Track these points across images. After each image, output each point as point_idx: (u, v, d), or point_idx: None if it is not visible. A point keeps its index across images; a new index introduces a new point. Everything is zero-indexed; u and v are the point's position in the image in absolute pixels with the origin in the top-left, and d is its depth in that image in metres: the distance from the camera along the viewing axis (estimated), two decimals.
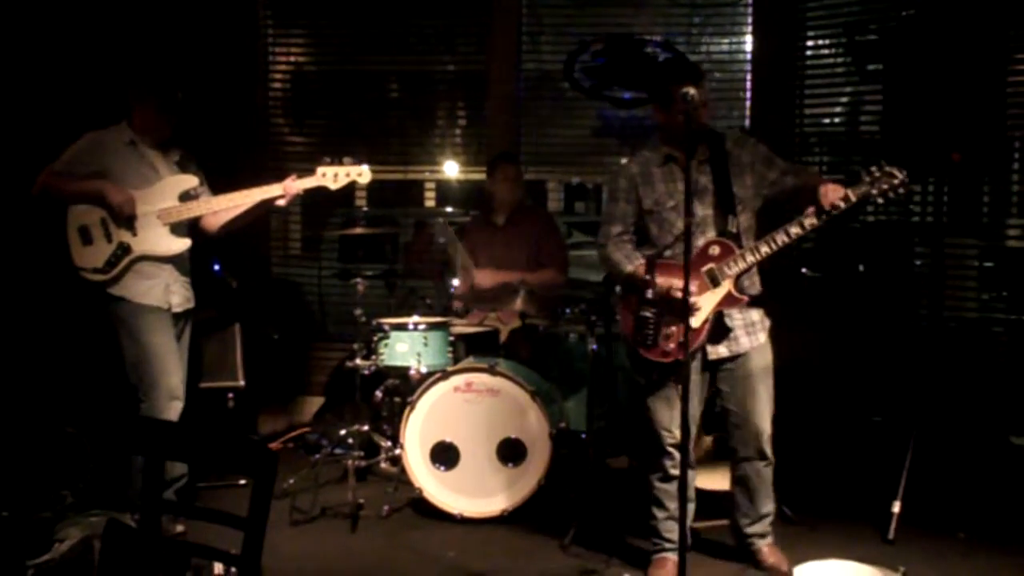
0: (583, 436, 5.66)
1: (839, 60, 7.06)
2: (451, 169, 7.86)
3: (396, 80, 8.13)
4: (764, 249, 4.31)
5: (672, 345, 4.38)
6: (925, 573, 4.64)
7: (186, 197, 5.10)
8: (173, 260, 5.09)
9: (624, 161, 5.33)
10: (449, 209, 8.59)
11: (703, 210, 4.42)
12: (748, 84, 7.21)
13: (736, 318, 4.47)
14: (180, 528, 4.92)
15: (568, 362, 5.93)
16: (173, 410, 4.98)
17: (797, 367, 4.71)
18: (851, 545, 4.83)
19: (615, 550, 4.92)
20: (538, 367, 5.75)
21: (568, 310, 5.96)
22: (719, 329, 4.46)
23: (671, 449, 4.53)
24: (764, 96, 7.10)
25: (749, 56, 7.23)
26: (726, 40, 7.43)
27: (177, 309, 5.10)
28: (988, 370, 6.26)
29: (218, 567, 4.09)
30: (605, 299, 6.01)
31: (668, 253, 4.41)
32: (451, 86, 7.97)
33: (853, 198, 4.21)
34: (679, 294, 4.21)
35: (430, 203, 8.49)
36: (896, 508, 5.05)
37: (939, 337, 5.80)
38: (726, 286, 4.36)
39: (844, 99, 7.14)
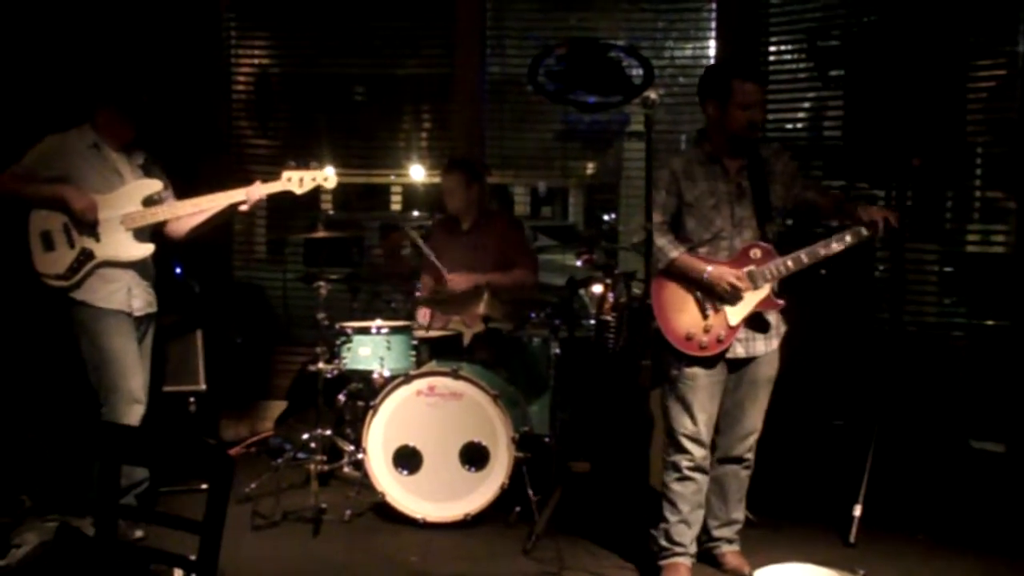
0: (546, 440, 5.66)
1: (801, 65, 7.11)
2: (416, 173, 7.85)
3: (361, 83, 8.13)
4: (805, 259, 4.39)
5: (708, 338, 4.43)
6: (885, 575, 4.68)
7: (150, 202, 5.06)
8: (136, 264, 5.05)
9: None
10: (415, 213, 8.59)
11: (741, 212, 4.48)
12: None
13: (757, 321, 4.52)
14: (139, 533, 4.89)
15: (532, 366, 5.93)
16: (134, 414, 4.94)
17: None
18: (812, 548, 4.86)
19: (578, 554, 4.93)
20: (501, 371, 5.74)
21: (533, 314, 5.96)
22: (752, 329, 4.51)
23: (690, 446, 4.50)
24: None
25: (712, 61, 7.25)
26: (690, 45, 7.46)
27: (139, 313, 5.06)
28: (948, 374, 6.32)
29: (178, 573, 4.06)
30: (569, 303, 6.05)
31: (703, 250, 4.46)
32: (416, 89, 7.95)
33: (894, 223, 4.33)
34: (732, 279, 4.34)
35: (396, 207, 8.47)
36: (857, 511, 5.08)
37: (900, 342, 5.83)
38: (766, 288, 4.42)
39: (806, 104, 7.19)
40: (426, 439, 5.40)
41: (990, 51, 6.35)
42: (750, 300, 4.42)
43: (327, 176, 5.17)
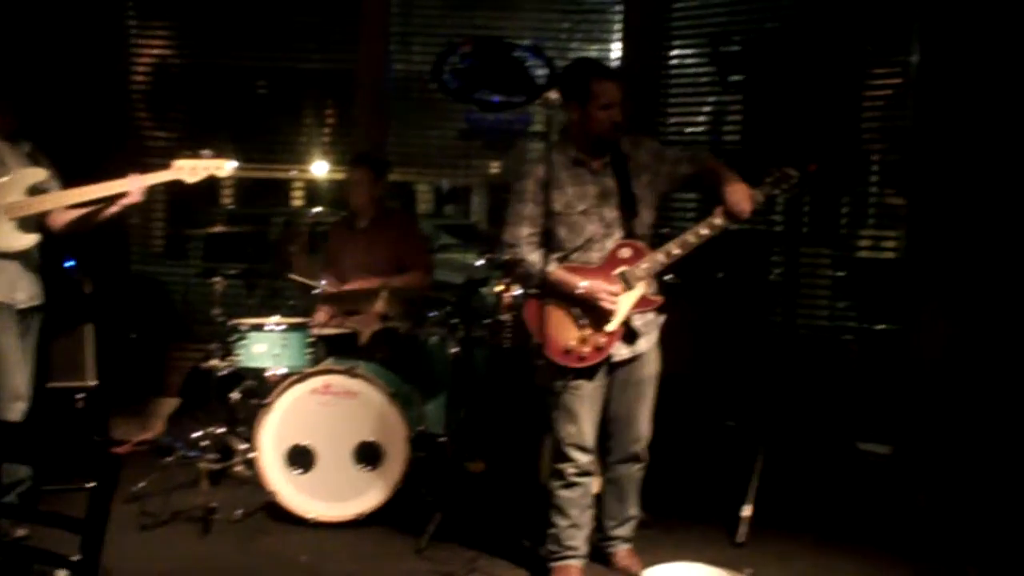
0: (441, 440, 5.66)
1: (703, 70, 7.19)
2: (319, 168, 7.79)
3: (264, 76, 8.02)
4: (675, 250, 4.37)
5: (588, 349, 4.41)
6: (773, 574, 4.76)
7: (35, 191, 4.93)
8: (20, 255, 4.91)
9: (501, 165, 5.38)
10: (318, 209, 8.53)
11: (610, 213, 4.45)
12: None
13: (636, 319, 4.49)
14: (22, 532, 4.78)
15: (428, 365, 5.91)
16: (15, 411, 4.81)
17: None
18: (702, 547, 4.92)
19: (472, 554, 4.93)
20: (398, 370, 5.71)
21: (433, 312, 5.95)
22: (630, 332, 4.49)
23: (575, 455, 4.51)
24: (630, 103, 7.15)
25: (617, 63, 7.31)
26: (594, 46, 7.50)
27: (23, 305, 4.90)
28: (838, 377, 6.44)
29: (62, 573, 3.99)
30: (467, 302, 6.05)
31: (575, 257, 4.45)
32: (320, 84, 7.91)
33: (760, 199, 4.36)
34: (604, 294, 4.32)
35: (298, 202, 8.40)
36: (746, 512, 5.16)
37: (791, 344, 5.94)
38: (640, 288, 4.40)
39: (707, 108, 7.28)
40: (320, 438, 5.35)
41: (885, 60, 6.48)
42: (626, 303, 4.40)
43: (220, 165, 5.04)
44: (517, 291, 5.76)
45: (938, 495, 5.59)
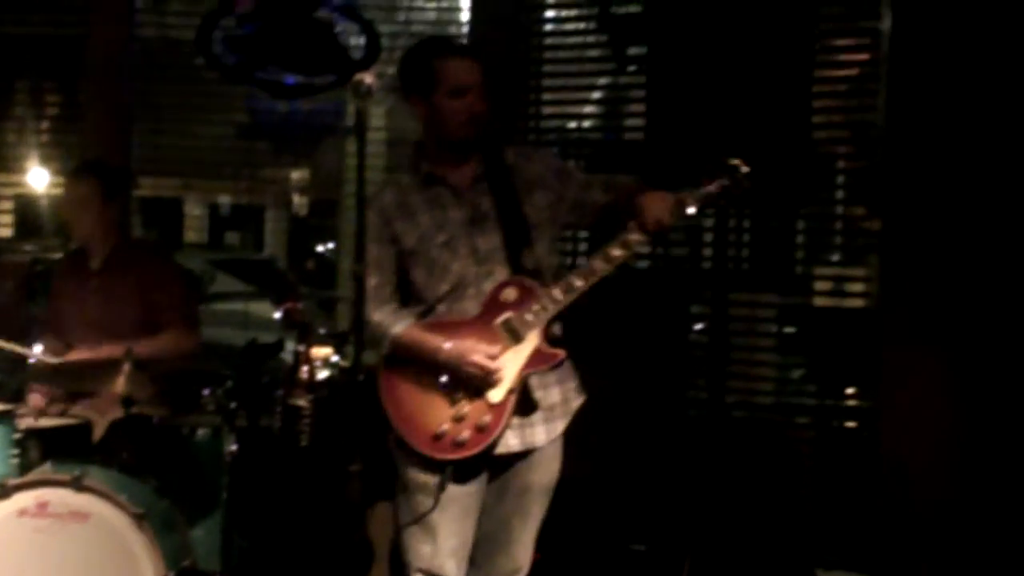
0: None
1: (591, 39, 7.27)
2: (37, 179, 7.68)
3: None
4: (578, 282, 4.32)
5: (467, 432, 4.35)
6: None
7: None
8: None
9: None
10: (34, 242, 8.41)
11: (485, 243, 4.45)
12: None
13: (537, 393, 4.47)
14: None
15: (195, 470, 5.79)
16: None
17: None
18: None
19: None
20: (150, 478, 5.56)
21: (206, 390, 5.86)
22: (525, 405, 4.45)
23: None
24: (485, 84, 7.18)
25: (466, 29, 7.37)
26: (433, 4, 7.54)
27: None
28: (788, 479, 6.49)
29: None
30: (252, 377, 5.95)
31: (442, 308, 4.43)
32: (37, 57, 7.91)
33: (690, 208, 4.35)
34: (474, 364, 4.28)
35: (5, 230, 8.34)
36: None
37: (721, 432, 5.95)
38: (533, 340, 4.35)
39: (597, 93, 7.33)
40: None
41: (846, 29, 6.60)
42: (513, 363, 4.36)
43: None
44: (318, 361, 5.72)
45: None
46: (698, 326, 7.02)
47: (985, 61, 5.83)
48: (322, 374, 5.99)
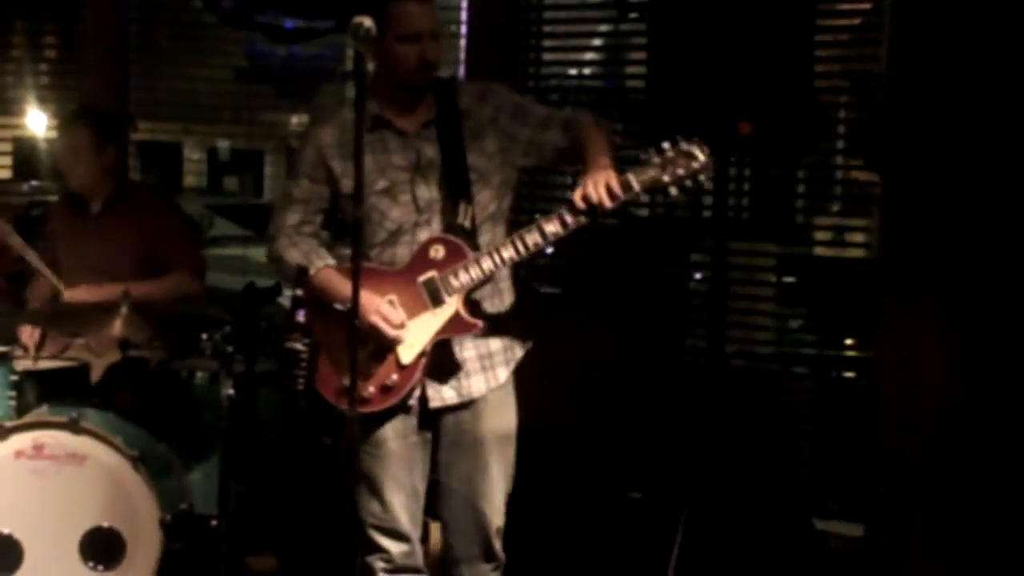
0: (213, 523, 5.57)
1: None
2: (35, 122, 7.69)
3: None
4: (507, 253, 4.29)
5: (371, 388, 4.34)
6: None
7: None
8: None
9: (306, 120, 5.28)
10: (33, 183, 8.40)
11: (427, 192, 4.41)
12: (463, 16, 7.28)
13: (467, 347, 4.46)
14: None
15: (192, 415, 5.85)
16: None
17: (524, 422, 4.73)
18: None
19: None
20: (147, 422, 5.63)
21: (204, 335, 5.84)
22: (445, 363, 4.43)
23: (383, 541, 4.50)
24: (484, 32, 7.21)
25: None
26: None
27: None
28: (787, 428, 6.50)
29: None
30: (251, 322, 5.93)
31: (374, 254, 4.39)
32: (35, 1, 7.92)
33: (636, 188, 4.22)
34: (376, 315, 4.24)
35: (4, 172, 8.36)
36: None
37: (720, 380, 5.95)
38: (452, 304, 4.32)
39: (597, 42, 7.30)
40: (29, 523, 5.25)
41: None
42: (429, 325, 4.34)
43: None
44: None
45: None
46: (697, 275, 7.01)
47: (990, 10, 5.79)
48: None
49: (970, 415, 5.81)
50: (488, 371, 4.51)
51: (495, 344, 4.52)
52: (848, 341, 6.93)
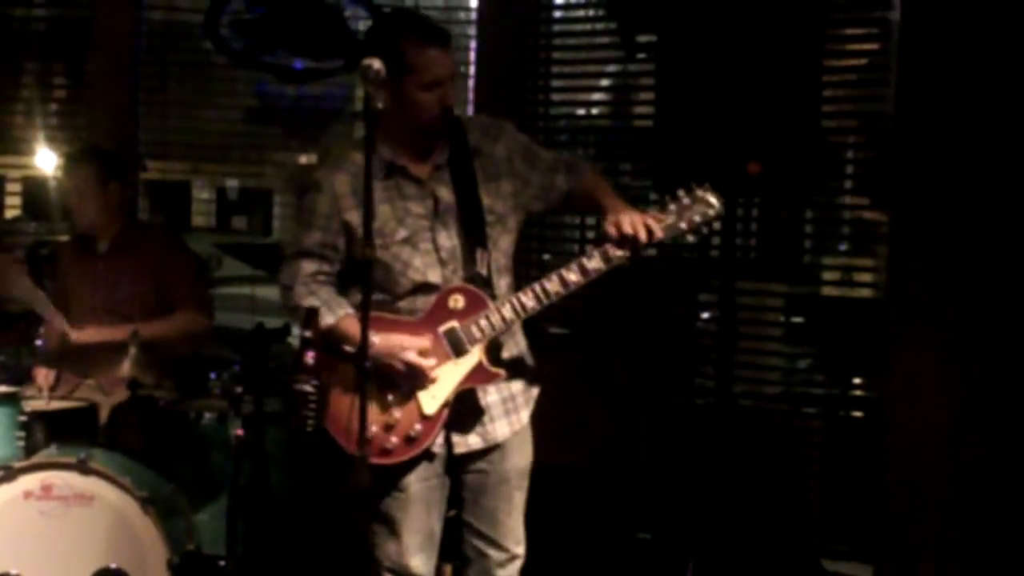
0: (220, 564, 5.57)
1: (600, 27, 7.27)
2: (45, 161, 7.70)
3: None
4: (529, 303, 4.24)
5: (395, 439, 4.27)
6: None
7: None
8: None
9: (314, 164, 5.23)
10: (42, 222, 8.40)
11: (450, 240, 4.34)
12: (472, 55, 7.31)
13: (490, 392, 4.41)
14: None
15: (200, 455, 5.86)
16: None
17: (533, 463, 4.71)
18: None
19: None
20: (155, 461, 5.63)
21: (212, 375, 5.86)
22: (469, 410, 4.38)
23: None
24: (494, 72, 7.24)
25: (475, 16, 7.38)
26: None
27: None
28: (795, 467, 6.48)
29: None
30: (259, 361, 5.92)
31: (402, 306, 4.31)
32: (44, 40, 7.92)
33: (660, 235, 4.23)
34: (404, 361, 4.18)
35: (14, 211, 8.47)
36: None
37: (728, 420, 5.94)
38: (475, 355, 4.27)
39: (605, 82, 7.30)
40: (37, 564, 5.22)
41: (856, 19, 6.58)
42: (452, 375, 4.28)
43: None
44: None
45: None
46: (706, 315, 7.00)
47: (996, 52, 5.80)
48: None
49: (979, 455, 5.79)
50: (512, 414, 4.48)
51: (516, 386, 4.49)
52: (856, 380, 6.91)
